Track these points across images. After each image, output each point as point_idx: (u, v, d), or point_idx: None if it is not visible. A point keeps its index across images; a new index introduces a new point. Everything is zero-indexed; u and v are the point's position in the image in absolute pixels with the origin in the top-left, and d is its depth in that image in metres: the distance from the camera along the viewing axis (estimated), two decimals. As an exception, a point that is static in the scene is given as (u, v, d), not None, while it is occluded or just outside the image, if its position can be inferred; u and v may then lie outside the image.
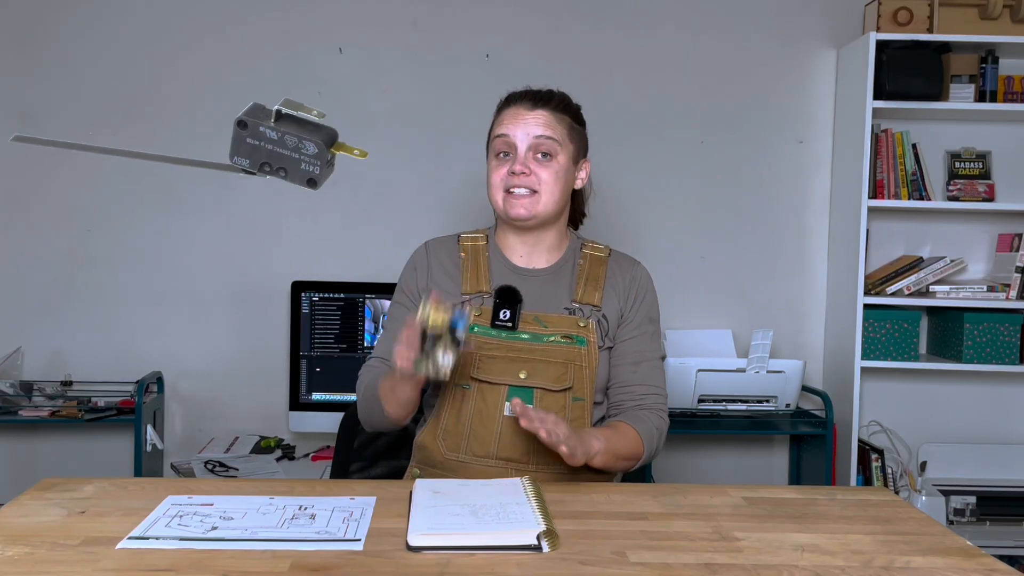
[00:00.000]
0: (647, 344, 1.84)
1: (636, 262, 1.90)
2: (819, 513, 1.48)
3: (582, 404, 1.76)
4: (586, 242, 1.90)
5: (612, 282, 1.85)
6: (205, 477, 2.74)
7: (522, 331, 1.76)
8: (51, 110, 3.13)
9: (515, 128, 1.77)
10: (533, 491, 1.47)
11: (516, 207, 1.77)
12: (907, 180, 3.08)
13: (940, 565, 1.24)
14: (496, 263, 1.84)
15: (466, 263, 1.84)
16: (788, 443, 3.30)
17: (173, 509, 1.40)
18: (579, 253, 1.87)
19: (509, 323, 1.76)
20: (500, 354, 1.74)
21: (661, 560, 1.23)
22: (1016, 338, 3.05)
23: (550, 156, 1.77)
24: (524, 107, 1.79)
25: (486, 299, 1.79)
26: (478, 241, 1.87)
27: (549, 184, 1.77)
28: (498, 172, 1.79)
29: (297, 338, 3.03)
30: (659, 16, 3.22)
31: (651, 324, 1.86)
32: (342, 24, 3.17)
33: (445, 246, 1.88)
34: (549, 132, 1.77)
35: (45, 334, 3.16)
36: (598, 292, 1.82)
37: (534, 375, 1.74)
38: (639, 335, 1.83)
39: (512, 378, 1.74)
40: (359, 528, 1.33)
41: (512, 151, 1.77)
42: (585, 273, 1.84)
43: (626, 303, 1.84)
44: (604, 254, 1.88)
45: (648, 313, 1.86)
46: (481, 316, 1.77)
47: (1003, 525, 3.11)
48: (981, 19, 3.04)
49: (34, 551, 1.23)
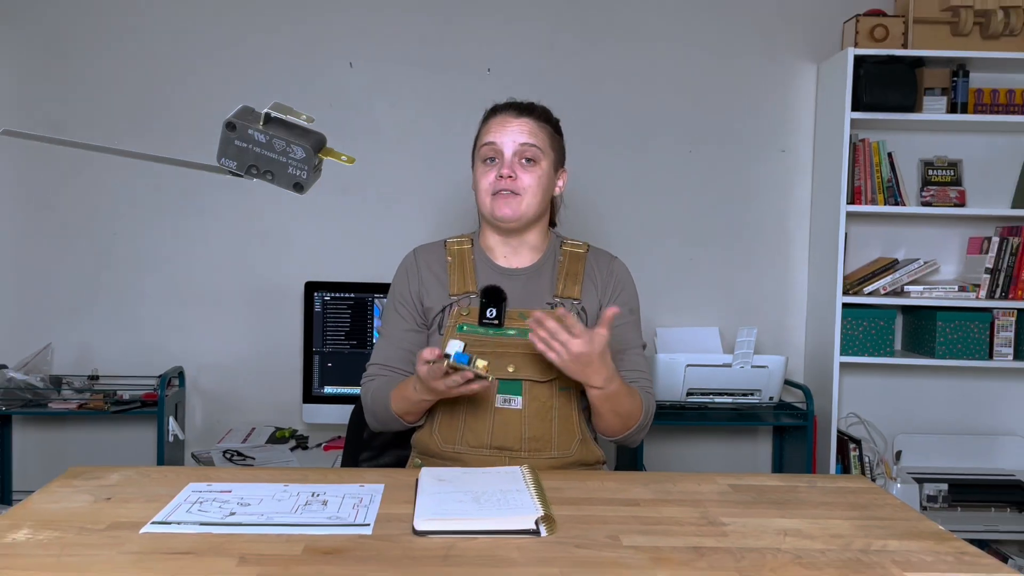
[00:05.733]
0: (629, 333, 1.83)
1: (613, 257, 1.90)
2: (800, 499, 1.47)
3: (568, 393, 1.76)
4: (565, 240, 1.90)
5: (591, 276, 1.85)
6: (224, 466, 2.73)
7: (508, 327, 1.76)
8: (78, 120, 3.13)
9: (502, 136, 1.78)
10: (532, 479, 1.47)
11: (502, 208, 1.77)
12: (883, 187, 3.08)
13: (914, 548, 1.24)
14: (481, 264, 1.85)
15: (453, 266, 1.84)
16: (771, 434, 3.29)
17: (193, 496, 1.40)
18: (559, 251, 1.87)
19: (496, 321, 1.76)
20: (489, 350, 1.74)
21: (652, 544, 1.23)
22: (985, 335, 3.05)
23: (534, 162, 1.78)
24: (510, 115, 1.81)
25: (473, 299, 1.79)
26: (463, 245, 1.87)
27: (533, 187, 1.78)
28: (486, 177, 1.79)
29: (310, 335, 3.02)
30: (650, 33, 3.21)
31: (632, 314, 1.86)
32: (353, 40, 3.17)
33: (433, 252, 1.88)
34: (533, 140, 1.78)
35: (73, 331, 3.16)
36: (578, 286, 1.83)
37: (521, 368, 1.74)
38: (621, 325, 1.81)
39: (501, 372, 1.74)
40: (368, 513, 1.33)
41: (499, 156, 1.78)
42: (565, 269, 1.84)
43: (604, 295, 1.84)
44: (583, 250, 1.88)
45: (628, 304, 1.85)
46: (469, 315, 1.77)
47: (973, 511, 3.10)
48: (953, 35, 3.04)
49: (63, 535, 1.23)
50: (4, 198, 3.14)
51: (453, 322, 1.77)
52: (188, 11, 3.13)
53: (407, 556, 1.17)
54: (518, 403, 1.74)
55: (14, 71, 3.11)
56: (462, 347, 1.53)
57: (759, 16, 3.23)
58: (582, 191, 3.17)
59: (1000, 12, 2.98)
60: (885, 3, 3.16)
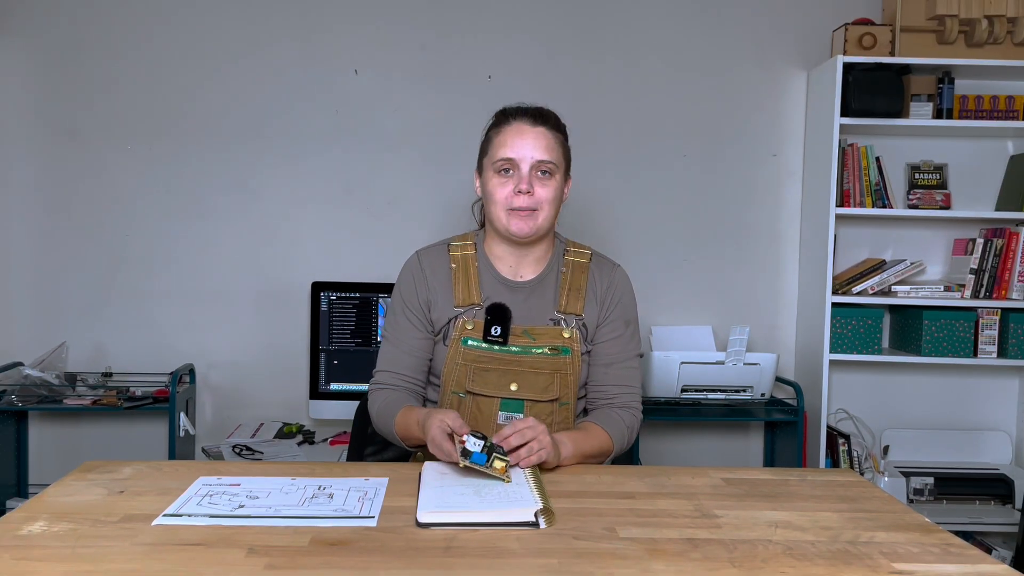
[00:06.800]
0: (621, 347, 1.81)
1: (616, 266, 1.87)
2: (791, 493, 1.47)
3: (567, 407, 1.76)
4: (569, 247, 1.86)
5: (592, 288, 1.81)
6: (233, 460, 2.73)
7: (512, 344, 1.74)
8: (94, 127, 3.13)
9: (520, 150, 1.72)
10: (531, 473, 1.47)
11: (519, 225, 1.73)
12: (871, 190, 3.08)
13: (901, 540, 1.24)
14: (486, 275, 1.80)
15: (457, 275, 1.80)
16: (763, 429, 3.29)
17: (204, 489, 1.40)
18: (562, 260, 1.83)
19: (500, 339, 1.73)
20: (493, 367, 1.73)
21: (648, 536, 1.23)
22: (970, 333, 3.04)
23: (549, 175, 1.74)
24: (525, 123, 1.74)
25: (478, 311, 1.77)
26: (467, 250, 1.83)
27: (548, 201, 1.74)
28: (501, 189, 1.73)
29: (316, 333, 3.02)
30: (646, 42, 3.21)
31: (626, 327, 1.82)
32: (357, 49, 3.17)
33: (436, 256, 1.83)
34: (550, 156, 1.73)
35: (87, 330, 3.16)
36: (580, 301, 1.79)
37: (524, 387, 1.73)
38: (613, 339, 1.80)
39: (504, 391, 1.73)
40: (373, 506, 1.33)
41: (515, 169, 1.73)
42: (568, 282, 1.80)
43: (603, 308, 1.81)
44: (586, 259, 1.84)
45: (623, 316, 1.82)
46: (474, 329, 1.75)
47: (958, 503, 3.10)
48: (939, 44, 3.04)
49: (77, 527, 1.23)
50: (21, 201, 3.14)
51: (458, 335, 1.74)
52: (200, 22, 3.13)
53: (410, 547, 1.17)
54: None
55: (30, 79, 3.11)
56: (482, 447, 1.43)
57: (751, 26, 3.23)
58: (580, 195, 3.17)
59: (984, 21, 2.98)
60: (873, 12, 3.16)
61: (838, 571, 1.11)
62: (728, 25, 3.23)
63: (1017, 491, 3.08)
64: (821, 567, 1.12)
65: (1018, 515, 2.94)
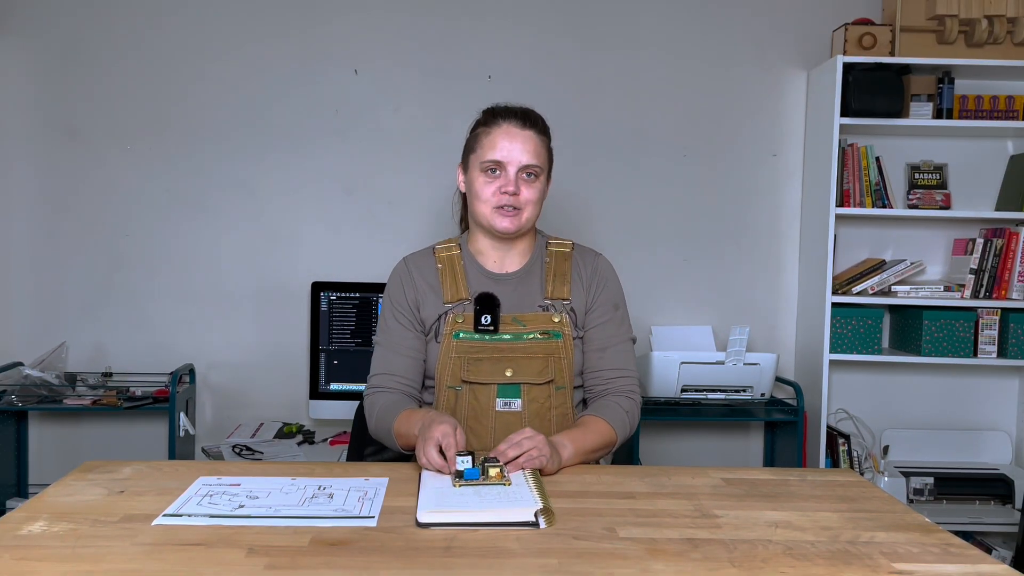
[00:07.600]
0: (613, 329, 1.82)
1: (598, 254, 1.90)
2: (791, 493, 1.47)
3: (564, 392, 1.77)
4: (551, 240, 1.89)
5: (577, 274, 1.84)
6: (233, 460, 2.73)
7: (503, 332, 1.76)
8: (94, 126, 3.13)
9: (508, 153, 1.75)
10: (531, 473, 1.47)
11: (503, 222, 1.76)
12: (871, 190, 3.08)
13: (901, 540, 1.24)
14: (472, 270, 1.83)
15: (444, 274, 1.82)
16: (763, 429, 3.29)
17: (204, 489, 1.40)
18: (545, 252, 1.86)
19: (491, 327, 1.75)
20: (486, 355, 1.74)
21: (647, 535, 1.23)
22: (970, 333, 3.04)
23: (535, 177, 1.78)
24: (514, 126, 1.77)
25: (467, 305, 1.78)
26: (452, 251, 1.85)
27: (532, 202, 1.77)
28: (487, 188, 1.76)
29: (316, 333, 3.02)
30: (646, 41, 3.21)
31: (616, 310, 1.84)
32: (357, 48, 3.17)
33: (422, 260, 1.86)
34: (536, 160, 1.76)
35: (87, 330, 3.15)
36: (566, 286, 1.82)
37: (519, 372, 1.74)
38: (604, 322, 1.82)
39: (500, 377, 1.73)
40: (373, 506, 1.33)
41: (502, 170, 1.76)
42: (552, 270, 1.83)
43: (589, 293, 1.83)
44: (568, 249, 1.87)
45: (611, 300, 1.84)
46: (464, 322, 1.76)
47: (958, 503, 3.10)
48: (938, 44, 3.04)
49: (77, 527, 1.23)
50: (22, 201, 3.14)
51: (449, 330, 1.76)
52: (199, 20, 3.13)
53: (410, 547, 1.17)
54: (517, 405, 1.74)
55: (31, 79, 3.11)
56: (470, 462, 1.42)
57: (751, 26, 3.23)
58: (581, 195, 3.17)
59: (984, 21, 2.98)
60: (873, 12, 3.16)
61: (838, 571, 1.11)
62: (728, 25, 3.22)
63: (1017, 491, 3.08)
64: (821, 567, 1.12)
65: (1018, 515, 2.94)
